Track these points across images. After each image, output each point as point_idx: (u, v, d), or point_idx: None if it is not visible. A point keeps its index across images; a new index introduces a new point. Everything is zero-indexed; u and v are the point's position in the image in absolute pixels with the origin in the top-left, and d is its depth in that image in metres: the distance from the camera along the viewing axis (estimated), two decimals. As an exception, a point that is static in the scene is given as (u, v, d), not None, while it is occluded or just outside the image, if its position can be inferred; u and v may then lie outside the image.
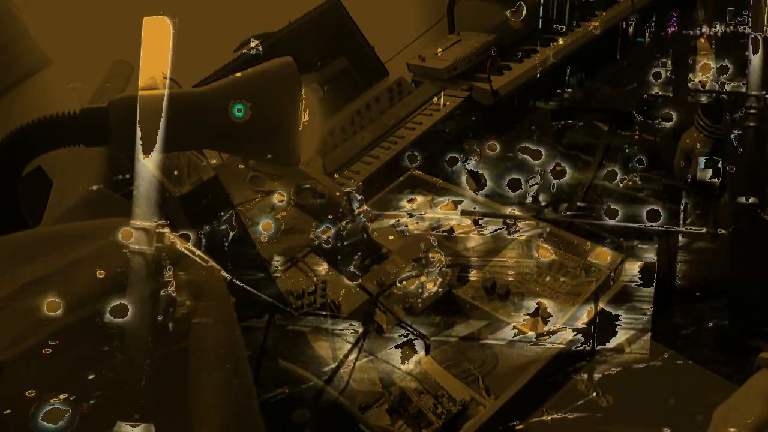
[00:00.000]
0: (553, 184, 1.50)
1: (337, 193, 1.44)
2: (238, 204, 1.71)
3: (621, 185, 1.51)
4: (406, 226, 1.45)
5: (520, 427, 0.97)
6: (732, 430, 0.80)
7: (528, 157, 1.53)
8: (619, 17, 1.93)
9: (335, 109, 2.00)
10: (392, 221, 1.50)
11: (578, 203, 1.51)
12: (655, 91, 1.63)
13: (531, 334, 1.11)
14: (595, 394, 0.98)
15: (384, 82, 2.06)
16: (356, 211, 1.36)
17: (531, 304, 1.14)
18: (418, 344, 1.19)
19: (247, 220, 1.70)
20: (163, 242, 0.73)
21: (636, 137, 1.64)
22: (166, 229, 0.74)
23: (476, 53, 1.96)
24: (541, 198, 1.52)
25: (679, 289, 1.40)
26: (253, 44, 1.67)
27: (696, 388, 0.94)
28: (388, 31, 2.21)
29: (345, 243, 1.38)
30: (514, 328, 1.13)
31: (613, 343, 1.08)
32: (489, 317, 1.18)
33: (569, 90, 1.88)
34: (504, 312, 1.16)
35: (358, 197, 1.33)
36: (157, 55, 0.80)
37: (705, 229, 1.33)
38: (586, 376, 1.02)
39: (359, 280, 1.29)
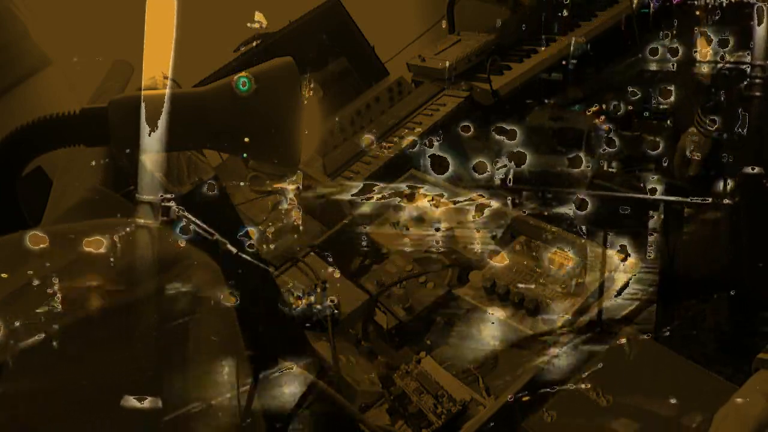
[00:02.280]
0: (510, 168, 1.49)
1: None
2: (238, 204, 1.71)
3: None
4: (407, 225, 1.45)
5: (526, 399, 0.97)
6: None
7: (504, 139, 1.52)
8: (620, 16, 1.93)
9: (335, 109, 2.00)
10: (392, 221, 1.50)
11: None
12: (653, 66, 1.61)
13: (531, 333, 1.11)
14: (595, 394, 0.98)
15: (384, 82, 2.07)
16: (284, 211, 1.28)
17: (531, 304, 1.14)
18: (418, 344, 1.19)
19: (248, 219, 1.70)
20: (169, 216, 0.73)
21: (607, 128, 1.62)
22: (172, 203, 0.74)
23: (476, 53, 1.96)
24: (509, 180, 1.51)
25: (680, 287, 1.40)
26: (258, 19, 1.65)
27: (696, 388, 0.94)
28: (388, 31, 2.21)
29: (272, 246, 1.33)
30: (514, 327, 1.13)
31: (619, 314, 1.08)
32: (489, 317, 1.18)
33: (573, 61, 1.86)
34: (504, 312, 1.16)
35: (289, 196, 1.22)
36: (161, 33, 0.80)
37: (710, 199, 1.32)
38: (586, 375, 1.02)
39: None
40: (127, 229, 0.68)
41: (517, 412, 0.98)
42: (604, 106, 1.63)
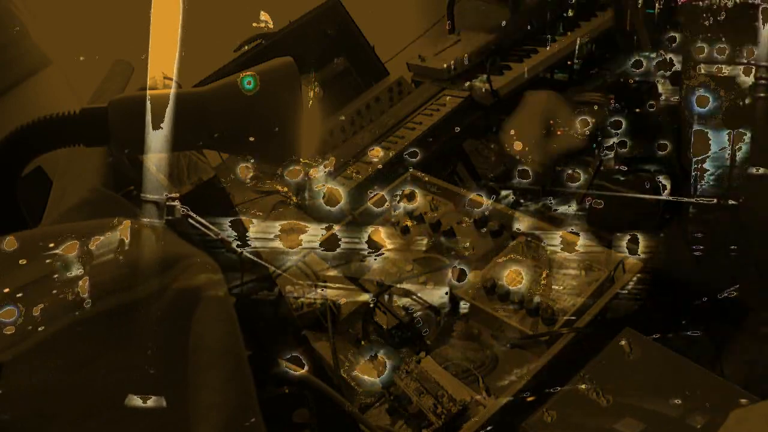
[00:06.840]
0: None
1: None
2: (238, 204, 1.71)
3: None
4: (406, 225, 1.45)
5: (526, 399, 0.97)
6: None
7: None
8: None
9: (335, 109, 2.00)
10: (392, 221, 1.50)
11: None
12: (637, 78, 1.63)
13: (531, 333, 1.11)
14: (595, 394, 0.98)
15: (384, 82, 2.07)
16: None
17: (531, 304, 1.14)
18: (418, 344, 1.19)
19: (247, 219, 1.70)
20: (174, 215, 0.73)
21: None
22: (177, 202, 0.74)
23: (476, 53, 1.96)
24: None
25: (680, 287, 1.40)
26: (264, 18, 1.65)
27: (696, 388, 0.94)
28: (388, 31, 2.21)
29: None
30: (514, 327, 1.13)
31: (620, 314, 1.09)
32: (489, 317, 1.18)
33: (578, 61, 1.85)
34: (504, 312, 1.16)
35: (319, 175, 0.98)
36: (166, 34, 0.80)
37: (715, 200, 1.32)
38: (586, 375, 1.02)
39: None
40: (128, 229, 0.68)
41: (517, 412, 0.98)
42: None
